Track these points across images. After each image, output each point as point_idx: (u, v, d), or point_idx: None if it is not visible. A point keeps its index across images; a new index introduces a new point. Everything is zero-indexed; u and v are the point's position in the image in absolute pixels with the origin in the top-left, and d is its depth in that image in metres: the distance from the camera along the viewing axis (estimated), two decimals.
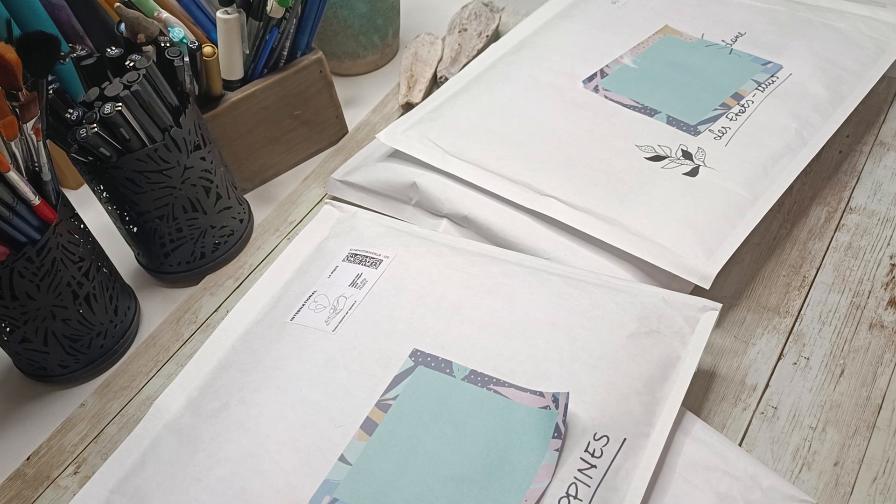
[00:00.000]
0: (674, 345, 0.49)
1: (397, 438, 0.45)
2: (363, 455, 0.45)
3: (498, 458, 0.43)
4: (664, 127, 0.62)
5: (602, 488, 0.42)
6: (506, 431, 0.44)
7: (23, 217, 0.49)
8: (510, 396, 0.46)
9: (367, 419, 0.46)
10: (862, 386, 0.49)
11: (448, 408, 0.46)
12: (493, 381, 0.47)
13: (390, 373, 0.48)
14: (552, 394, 0.45)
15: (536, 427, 0.44)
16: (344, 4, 0.76)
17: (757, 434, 0.48)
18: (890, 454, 0.46)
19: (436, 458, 0.44)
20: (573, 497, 0.42)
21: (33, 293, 0.51)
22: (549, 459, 0.43)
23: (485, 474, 0.43)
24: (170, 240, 0.60)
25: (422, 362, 0.49)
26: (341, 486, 0.43)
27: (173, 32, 0.59)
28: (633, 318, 0.49)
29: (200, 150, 0.58)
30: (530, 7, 0.79)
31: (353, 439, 0.45)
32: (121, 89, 0.53)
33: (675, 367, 0.48)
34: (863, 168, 0.62)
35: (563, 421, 0.43)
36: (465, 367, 0.48)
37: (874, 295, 0.54)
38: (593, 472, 0.43)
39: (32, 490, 0.51)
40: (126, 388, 0.56)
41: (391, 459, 0.44)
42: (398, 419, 0.46)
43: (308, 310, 0.53)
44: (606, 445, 0.44)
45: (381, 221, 0.60)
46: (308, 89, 0.69)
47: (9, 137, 0.48)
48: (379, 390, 0.47)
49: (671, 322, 0.49)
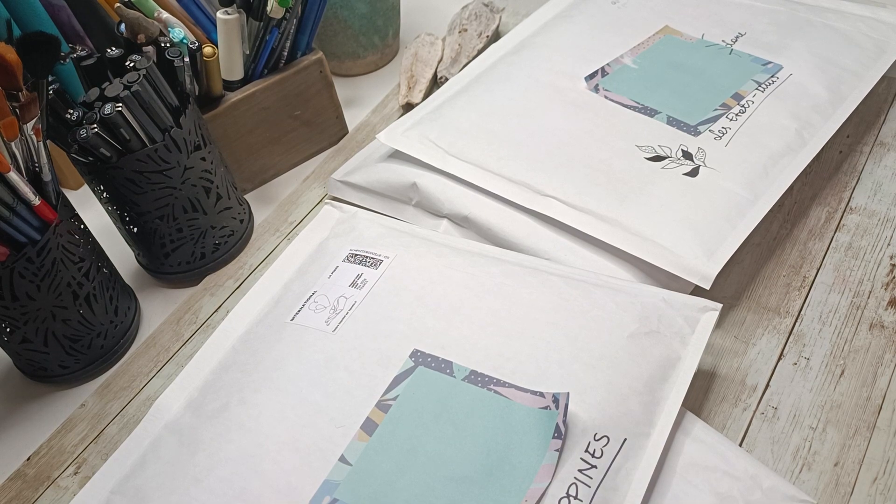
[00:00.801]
0: (674, 345, 0.48)
1: (397, 439, 0.45)
2: (363, 455, 0.45)
3: (498, 458, 0.43)
4: (664, 127, 0.62)
5: (602, 488, 0.42)
6: (506, 432, 0.44)
7: (23, 217, 0.50)
8: (510, 397, 0.46)
9: (368, 419, 0.46)
10: (862, 386, 0.49)
11: (448, 408, 0.46)
12: (494, 381, 0.47)
13: (390, 373, 0.48)
14: (552, 394, 0.45)
15: (537, 427, 0.44)
16: (344, 5, 0.76)
17: (757, 434, 0.48)
18: (890, 454, 0.46)
19: (436, 458, 0.44)
20: (573, 497, 0.42)
21: (33, 293, 0.51)
22: (549, 460, 0.43)
23: (485, 474, 0.43)
24: (170, 240, 0.60)
25: (422, 363, 0.48)
26: (342, 486, 0.44)
27: (173, 33, 0.59)
28: (633, 318, 0.49)
29: (200, 150, 0.58)
30: (530, 7, 0.79)
31: (353, 439, 0.45)
32: (121, 90, 0.53)
33: (676, 367, 0.48)
34: (863, 168, 0.62)
35: (563, 421, 0.43)
36: (465, 367, 0.48)
37: (874, 295, 0.54)
38: (593, 472, 0.43)
39: (33, 490, 0.51)
40: (126, 389, 0.56)
41: (391, 460, 0.44)
42: (398, 419, 0.46)
43: (308, 310, 0.53)
44: (607, 446, 0.44)
45: (382, 222, 0.60)
46: (308, 90, 0.69)
47: (9, 138, 0.48)
48: (379, 390, 0.47)
49: (671, 322, 0.49)
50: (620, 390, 0.46)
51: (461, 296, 0.52)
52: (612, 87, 0.66)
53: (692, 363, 0.48)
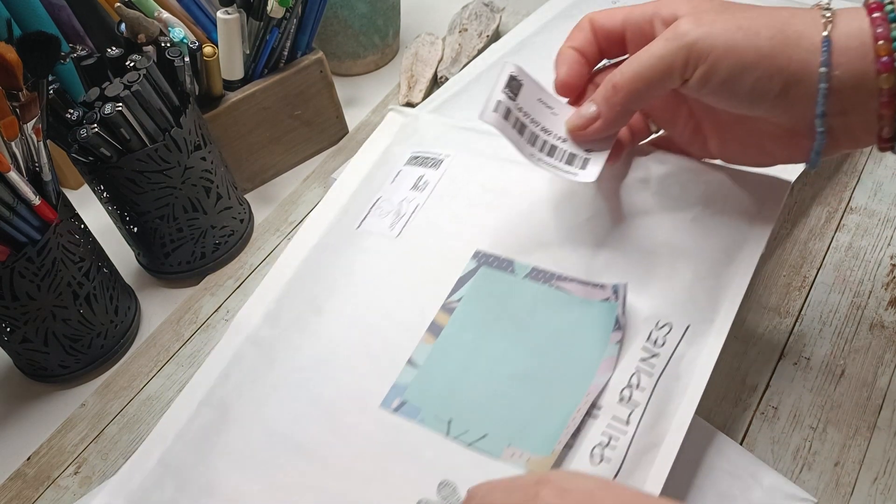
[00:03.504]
0: (740, 226, 0.46)
1: (462, 340, 0.45)
2: (430, 357, 0.45)
3: (560, 355, 0.43)
4: None
5: (665, 377, 0.41)
6: (567, 328, 0.44)
7: (23, 217, 0.49)
8: (571, 290, 0.45)
9: (434, 322, 0.46)
10: (862, 386, 0.49)
11: (510, 307, 0.46)
12: (555, 276, 0.46)
13: (454, 275, 0.48)
14: (612, 285, 0.44)
15: (597, 320, 0.43)
16: (344, 4, 0.76)
17: (757, 434, 0.48)
18: (890, 454, 0.46)
19: (499, 357, 0.44)
20: (635, 387, 0.41)
21: (34, 293, 0.51)
22: (610, 353, 0.42)
23: (548, 372, 0.43)
24: (170, 240, 0.60)
25: (484, 262, 0.48)
26: (409, 388, 0.44)
27: (173, 32, 0.59)
28: (697, 198, 0.47)
29: (201, 150, 0.58)
30: (530, 7, 0.79)
31: (420, 342, 0.46)
32: (121, 89, 0.53)
33: (742, 248, 0.45)
34: (863, 168, 0.62)
35: (622, 312, 0.43)
36: (526, 264, 0.47)
37: (874, 295, 0.54)
38: (656, 360, 0.42)
39: (33, 490, 0.51)
40: (126, 389, 0.56)
41: (456, 360, 0.45)
42: (462, 321, 0.46)
43: (373, 216, 0.53)
44: (669, 333, 0.43)
45: (443, 121, 0.59)
46: (308, 89, 0.69)
47: (9, 137, 0.48)
48: (444, 293, 0.47)
49: (737, 202, 0.46)
50: (684, 276, 0.44)
51: (520, 193, 0.51)
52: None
53: (759, 244, 0.45)
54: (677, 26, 0.37)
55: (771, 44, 0.35)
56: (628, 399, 0.41)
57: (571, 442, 0.40)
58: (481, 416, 0.42)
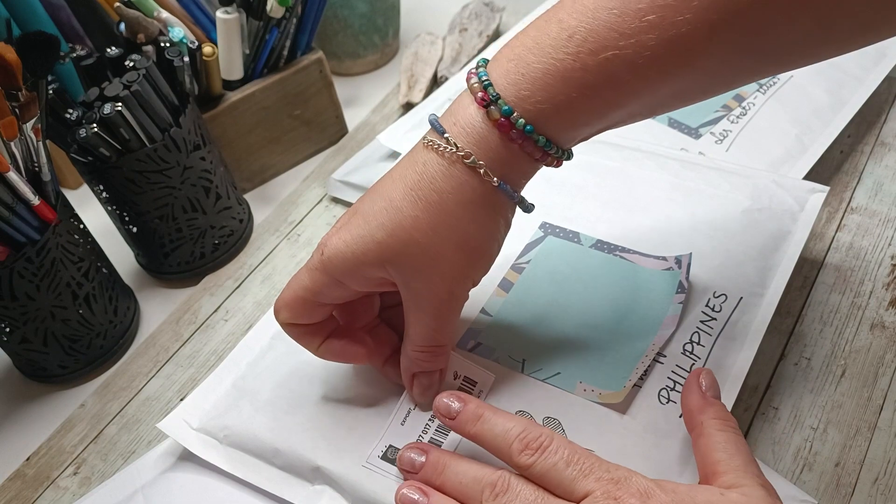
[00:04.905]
0: (785, 220, 0.53)
1: (532, 296, 0.50)
2: (502, 308, 0.50)
3: (627, 310, 0.48)
4: (665, 129, 0.62)
5: (722, 337, 0.47)
6: (633, 289, 0.49)
7: (22, 217, 0.49)
8: (635, 261, 0.50)
9: (504, 279, 0.51)
10: (863, 386, 0.49)
11: (578, 270, 0.51)
12: (619, 248, 0.51)
13: (522, 242, 0.53)
14: (675, 256, 0.50)
15: (661, 284, 0.49)
16: (344, 4, 0.76)
17: (758, 435, 0.48)
18: (891, 455, 0.46)
19: (569, 309, 0.49)
20: (696, 343, 0.47)
21: (33, 293, 0.51)
22: (673, 311, 0.47)
23: (616, 322, 0.47)
24: (169, 240, 0.60)
25: (551, 233, 0.53)
26: (484, 332, 0.49)
27: (173, 32, 0.59)
28: (746, 196, 0.54)
29: (200, 150, 0.58)
30: (530, 7, 0.79)
31: (492, 295, 0.50)
32: (121, 89, 0.53)
33: (787, 239, 0.52)
34: (864, 168, 0.62)
35: (686, 278, 0.48)
36: (591, 237, 0.52)
37: (875, 295, 0.54)
38: (713, 323, 0.47)
39: (32, 490, 0.51)
40: (126, 389, 0.56)
41: (529, 311, 0.49)
42: (532, 279, 0.51)
43: None
44: (725, 302, 0.48)
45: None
46: (308, 89, 0.69)
47: (8, 137, 0.48)
48: (513, 255, 0.52)
49: (782, 200, 0.53)
50: (737, 256, 0.50)
51: (584, 176, 0.57)
52: None
53: (802, 236, 0.52)
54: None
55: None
56: (690, 352, 0.46)
57: (640, 383, 0.45)
58: (553, 357, 0.46)
